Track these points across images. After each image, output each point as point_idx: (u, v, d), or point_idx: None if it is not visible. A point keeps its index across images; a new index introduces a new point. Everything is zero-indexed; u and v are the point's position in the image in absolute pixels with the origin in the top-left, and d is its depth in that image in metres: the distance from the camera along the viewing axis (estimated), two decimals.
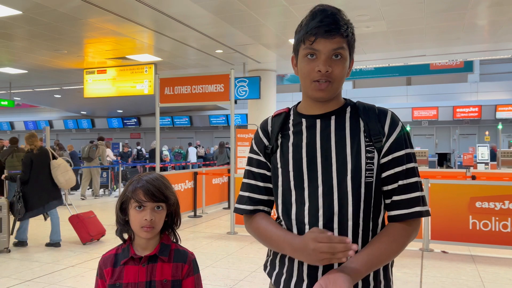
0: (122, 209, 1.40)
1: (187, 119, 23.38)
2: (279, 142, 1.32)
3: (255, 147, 1.38)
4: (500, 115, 17.09)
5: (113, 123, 25.44)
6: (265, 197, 1.35)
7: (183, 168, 15.99)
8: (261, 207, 1.35)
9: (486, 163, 12.48)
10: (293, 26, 7.84)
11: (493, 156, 12.91)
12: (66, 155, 12.38)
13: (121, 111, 23.56)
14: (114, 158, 15.25)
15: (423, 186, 1.27)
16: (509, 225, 5.10)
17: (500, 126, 13.63)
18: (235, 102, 7.29)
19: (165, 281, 1.36)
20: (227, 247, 5.70)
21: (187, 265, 1.41)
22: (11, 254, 5.38)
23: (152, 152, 15.13)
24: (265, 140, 1.35)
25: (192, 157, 17.15)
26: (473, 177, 7.45)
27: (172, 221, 1.45)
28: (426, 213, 1.23)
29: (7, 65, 11.25)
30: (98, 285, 1.41)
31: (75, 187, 11.98)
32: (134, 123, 25.03)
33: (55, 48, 9.28)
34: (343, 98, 1.33)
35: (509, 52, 10.29)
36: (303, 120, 1.30)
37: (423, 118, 18.58)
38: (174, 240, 1.47)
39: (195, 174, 8.09)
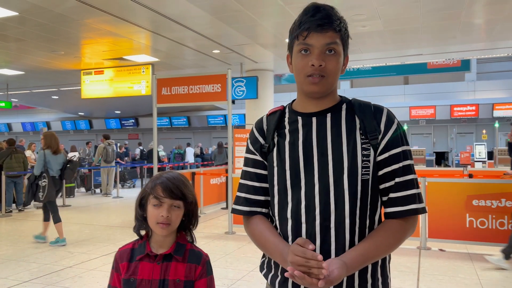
0: (141, 205, 1.42)
1: (185, 120, 23.36)
2: (275, 140, 1.30)
3: (250, 147, 1.36)
4: (497, 113, 17.11)
5: (111, 124, 25.39)
6: (261, 198, 1.33)
7: (182, 168, 15.98)
8: (258, 209, 1.33)
9: (484, 162, 12.51)
10: (289, 26, 7.82)
11: None
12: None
13: (119, 112, 23.53)
14: None
15: (419, 184, 1.28)
16: (506, 223, 5.12)
17: (497, 125, 13.67)
18: (233, 102, 7.30)
19: (178, 280, 1.37)
20: (225, 246, 5.71)
21: (200, 267, 1.41)
22: (8, 255, 5.37)
23: (150, 153, 15.12)
24: (260, 139, 1.33)
25: (190, 157, 17.15)
26: (470, 176, 7.47)
27: (189, 221, 1.46)
28: (422, 210, 1.23)
29: (4, 67, 11.23)
30: (113, 278, 1.43)
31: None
32: (132, 123, 24.98)
33: (52, 49, 9.27)
34: (339, 96, 1.31)
35: (506, 51, 10.32)
36: (299, 118, 1.28)
37: (420, 117, 18.60)
38: (190, 240, 1.48)
39: (193, 174, 8.09)
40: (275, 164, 1.28)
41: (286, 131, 1.29)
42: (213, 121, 22.71)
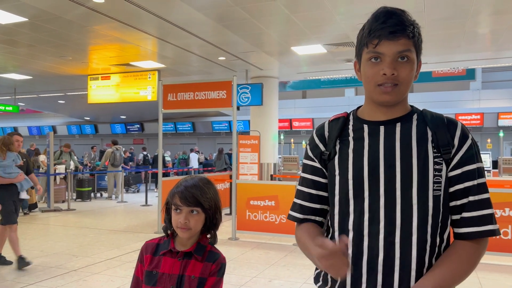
0: (167, 209, 1.53)
1: (189, 125, 23.47)
2: (337, 148, 1.24)
3: (310, 153, 1.30)
4: (502, 122, 17.07)
5: (116, 129, 25.55)
6: (317, 206, 1.29)
7: (186, 174, 16.04)
8: (311, 217, 1.30)
9: (488, 171, 12.47)
10: (294, 34, 7.94)
11: None
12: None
13: (124, 117, 23.67)
14: None
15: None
16: (510, 232, 5.11)
17: (501, 134, 13.64)
18: (238, 109, 7.35)
19: (192, 277, 1.45)
20: (228, 252, 5.73)
21: (214, 265, 1.49)
22: (14, 257, 5.41)
23: (156, 158, 15.23)
24: (321, 146, 1.28)
25: (194, 163, 17.21)
26: None
27: (211, 223, 1.54)
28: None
29: (12, 71, 11.37)
30: (137, 268, 1.54)
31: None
32: (137, 129, 25.13)
33: (60, 54, 9.39)
34: (410, 105, 1.24)
35: (511, 60, 10.33)
36: (365, 126, 1.22)
37: None
38: (212, 242, 1.57)
39: None
40: (336, 172, 1.22)
41: (350, 138, 1.23)
42: (217, 127, 22.79)
